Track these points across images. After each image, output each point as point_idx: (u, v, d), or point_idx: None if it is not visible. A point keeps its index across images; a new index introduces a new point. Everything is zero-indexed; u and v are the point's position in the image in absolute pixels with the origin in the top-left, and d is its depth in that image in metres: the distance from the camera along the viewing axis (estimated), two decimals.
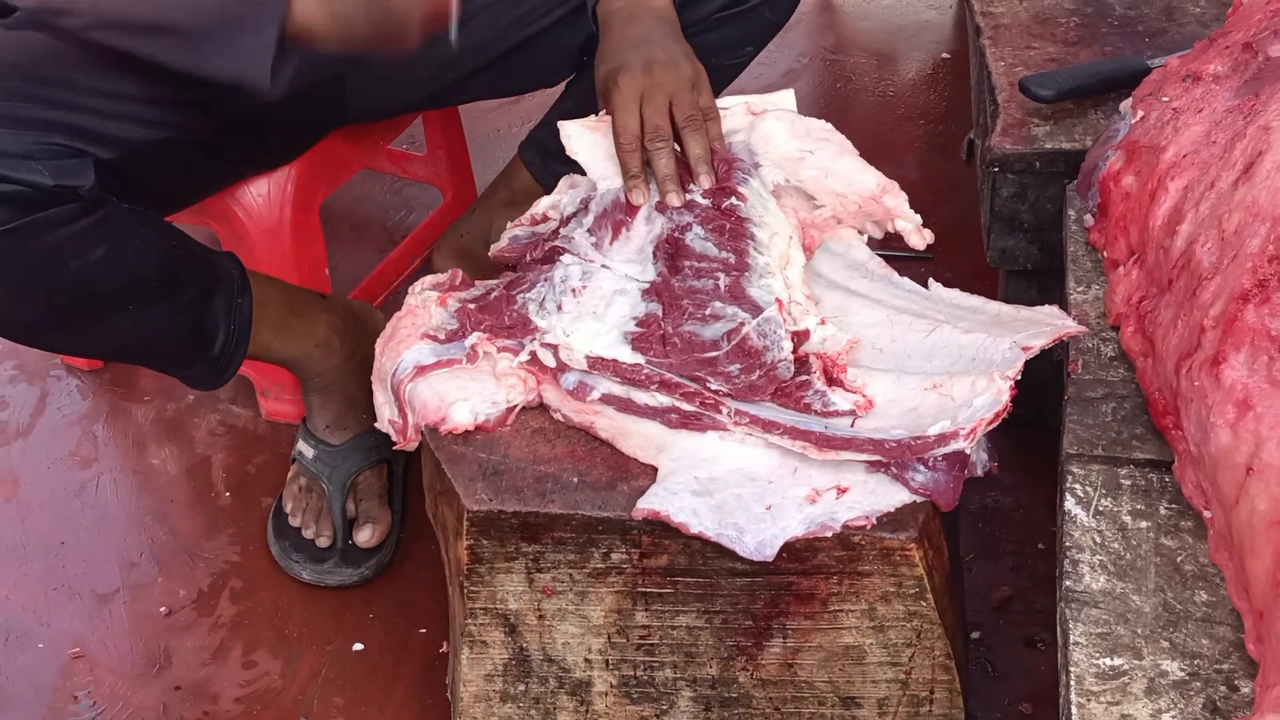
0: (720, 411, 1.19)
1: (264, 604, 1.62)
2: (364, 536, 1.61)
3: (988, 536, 1.62)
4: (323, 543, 1.63)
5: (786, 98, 1.41)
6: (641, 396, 1.21)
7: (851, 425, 1.17)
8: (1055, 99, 1.53)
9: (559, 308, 1.26)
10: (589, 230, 1.33)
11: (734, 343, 1.20)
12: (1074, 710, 0.96)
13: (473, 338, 1.27)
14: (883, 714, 1.25)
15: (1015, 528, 1.63)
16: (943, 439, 1.13)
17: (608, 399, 1.22)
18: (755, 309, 1.23)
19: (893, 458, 1.14)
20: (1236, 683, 0.97)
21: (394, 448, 1.32)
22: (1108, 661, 0.99)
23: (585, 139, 1.38)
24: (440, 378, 1.25)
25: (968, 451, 1.14)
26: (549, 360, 1.24)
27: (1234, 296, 1.04)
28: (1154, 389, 1.15)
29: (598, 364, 1.22)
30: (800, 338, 1.21)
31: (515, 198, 1.74)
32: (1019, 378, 1.17)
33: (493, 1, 1.56)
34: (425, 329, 1.30)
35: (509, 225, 1.42)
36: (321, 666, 1.55)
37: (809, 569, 1.16)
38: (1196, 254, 1.12)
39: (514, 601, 1.24)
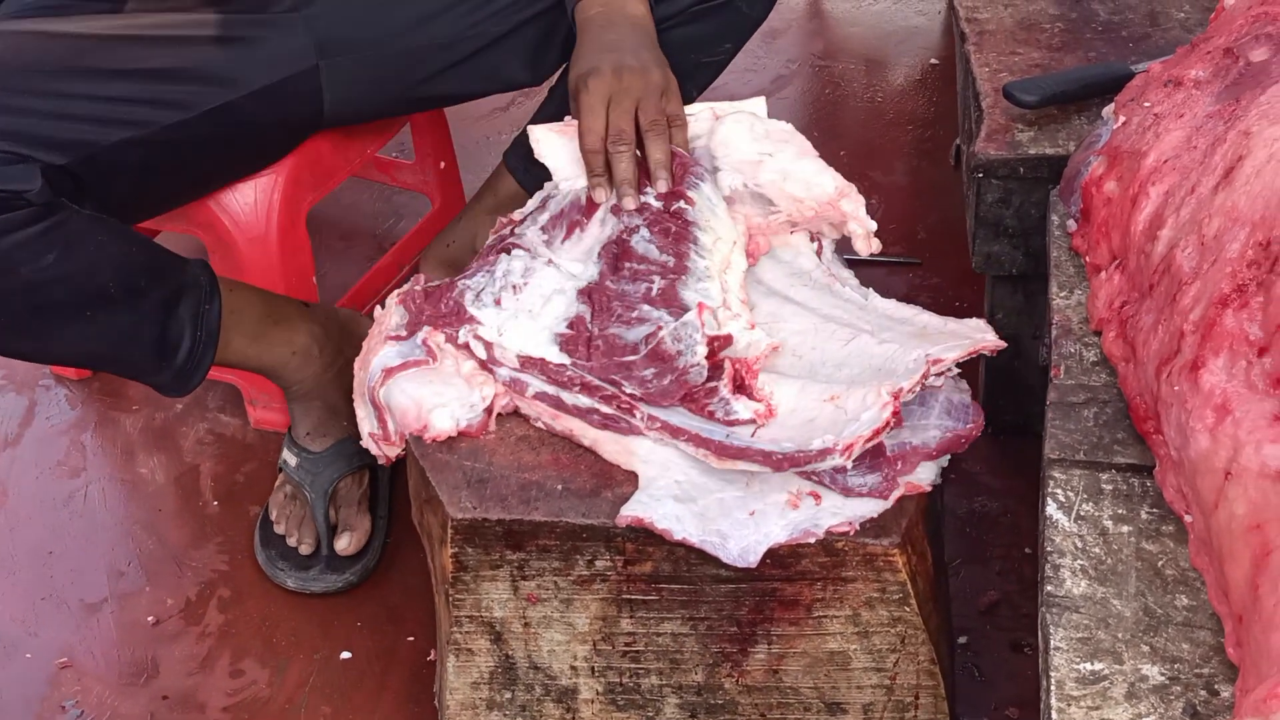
0: (634, 415, 1.21)
1: (252, 613, 1.62)
2: (342, 544, 1.62)
3: (975, 541, 1.63)
4: (306, 550, 1.63)
5: (757, 105, 1.42)
6: (568, 397, 1.23)
7: (753, 434, 1.18)
8: (1039, 104, 1.53)
9: (497, 302, 1.28)
10: (542, 227, 1.34)
11: (650, 347, 1.22)
12: (1054, 715, 0.96)
13: (423, 331, 1.27)
14: (868, 719, 1.25)
15: (1002, 532, 1.63)
16: (822, 454, 1.14)
17: (541, 396, 1.23)
18: (682, 311, 1.24)
19: (778, 469, 1.16)
20: (1217, 687, 0.97)
21: (380, 463, 1.32)
22: (1088, 666, 0.99)
23: (553, 142, 1.40)
24: (413, 383, 1.26)
25: (845, 466, 1.15)
26: (480, 353, 1.25)
27: (1213, 301, 1.04)
28: (1135, 394, 1.16)
29: (528, 363, 1.24)
30: (722, 342, 1.22)
31: (500, 205, 1.74)
32: (913, 391, 1.18)
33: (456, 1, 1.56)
34: (389, 331, 1.30)
35: (491, 233, 1.43)
36: (309, 675, 1.55)
37: (793, 575, 1.17)
38: (1177, 259, 1.12)
39: (499, 609, 1.24)
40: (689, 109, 1.41)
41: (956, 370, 1.24)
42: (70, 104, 1.35)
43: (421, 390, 1.25)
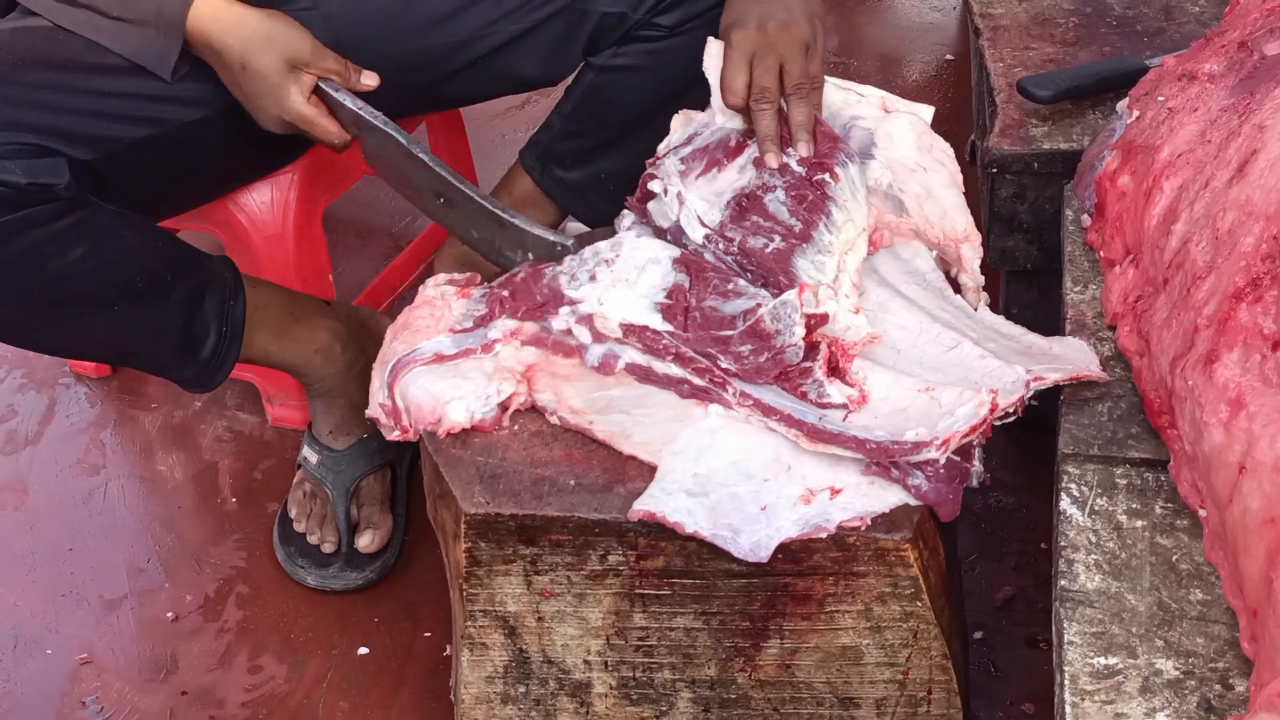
0: (727, 390, 1.21)
1: (270, 609, 1.63)
2: (364, 542, 1.62)
3: (990, 537, 1.62)
4: (327, 548, 1.64)
5: (926, 112, 1.42)
6: (660, 366, 1.23)
7: (845, 419, 1.18)
8: (1053, 99, 1.53)
9: (592, 278, 1.27)
10: (682, 159, 1.34)
11: (749, 323, 1.22)
12: (1068, 709, 0.96)
13: (498, 324, 1.27)
14: (880, 714, 1.25)
15: (1017, 528, 1.63)
16: (917, 446, 1.14)
17: (632, 368, 1.23)
18: (789, 280, 1.24)
19: (872, 458, 1.15)
20: (1231, 681, 0.97)
21: (388, 437, 1.32)
22: (1102, 660, 0.99)
23: (721, 59, 1.36)
24: (431, 378, 1.26)
25: (940, 461, 1.15)
26: (584, 335, 1.25)
27: (1227, 295, 1.04)
28: (1149, 388, 1.15)
29: (630, 331, 1.24)
30: (819, 320, 1.22)
31: (515, 203, 1.74)
32: (1017, 406, 1.17)
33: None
34: (448, 323, 1.30)
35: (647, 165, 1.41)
36: (327, 671, 1.56)
37: (804, 570, 1.17)
38: (1191, 253, 1.12)
39: (513, 604, 1.24)
40: (860, 89, 1.40)
41: None
42: (93, 100, 1.36)
43: (439, 384, 1.25)
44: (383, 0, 1.54)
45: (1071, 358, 1.23)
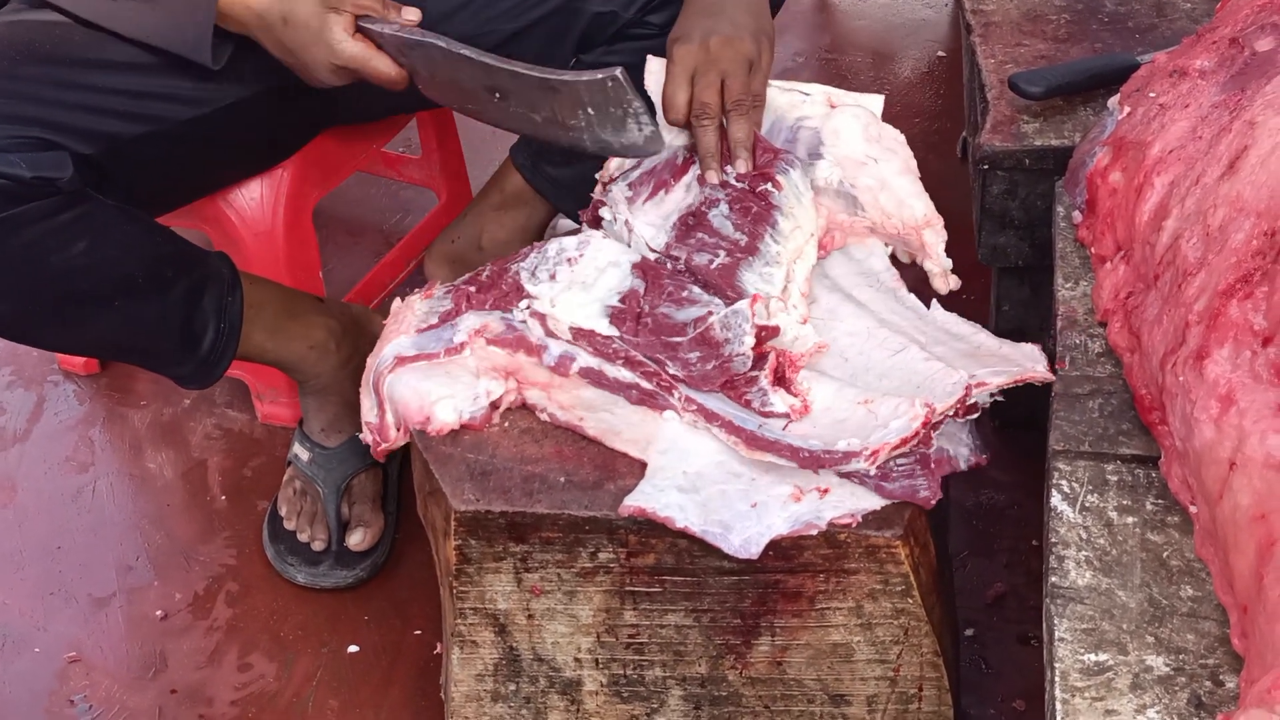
0: (672, 395, 1.21)
1: (259, 607, 1.62)
2: (355, 540, 1.62)
3: (981, 534, 1.62)
4: (318, 546, 1.63)
5: (875, 102, 1.41)
6: (610, 370, 1.23)
7: (785, 428, 1.18)
8: (1044, 96, 1.53)
9: (552, 277, 1.28)
10: (630, 185, 1.34)
11: (698, 331, 1.21)
12: (1059, 706, 0.96)
13: (463, 323, 1.27)
14: (872, 711, 1.25)
15: (1009, 525, 1.63)
16: (846, 456, 1.14)
17: (585, 372, 1.23)
18: (736, 294, 1.24)
19: (805, 466, 1.16)
20: (1222, 677, 0.96)
21: (374, 451, 1.32)
22: (1093, 657, 0.98)
23: (662, 77, 1.36)
24: (418, 376, 1.26)
25: (869, 473, 1.15)
26: (536, 330, 1.25)
27: (1218, 291, 1.04)
28: (1140, 384, 1.15)
29: (579, 335, 1.23)
30: (769, 332, 1.22)
31: (506, 201, 1.74)
32: (958, 409, 1.18)
33: None
34: (411, 324, 1.30)
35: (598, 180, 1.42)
36: (317, 669, 1.55)
37: (795, 567, 1.17)
38: (1182, 249, 1.12)
39: (503, 601, 1.24)
40: (803, 88, 1.40)
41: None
42: (93, 95, 1.35)
43: (426, 383, 1.25)
44: None
45: (1018, 359, 1.23)
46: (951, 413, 1.18)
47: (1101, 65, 1.55)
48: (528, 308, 1.26)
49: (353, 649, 1.57)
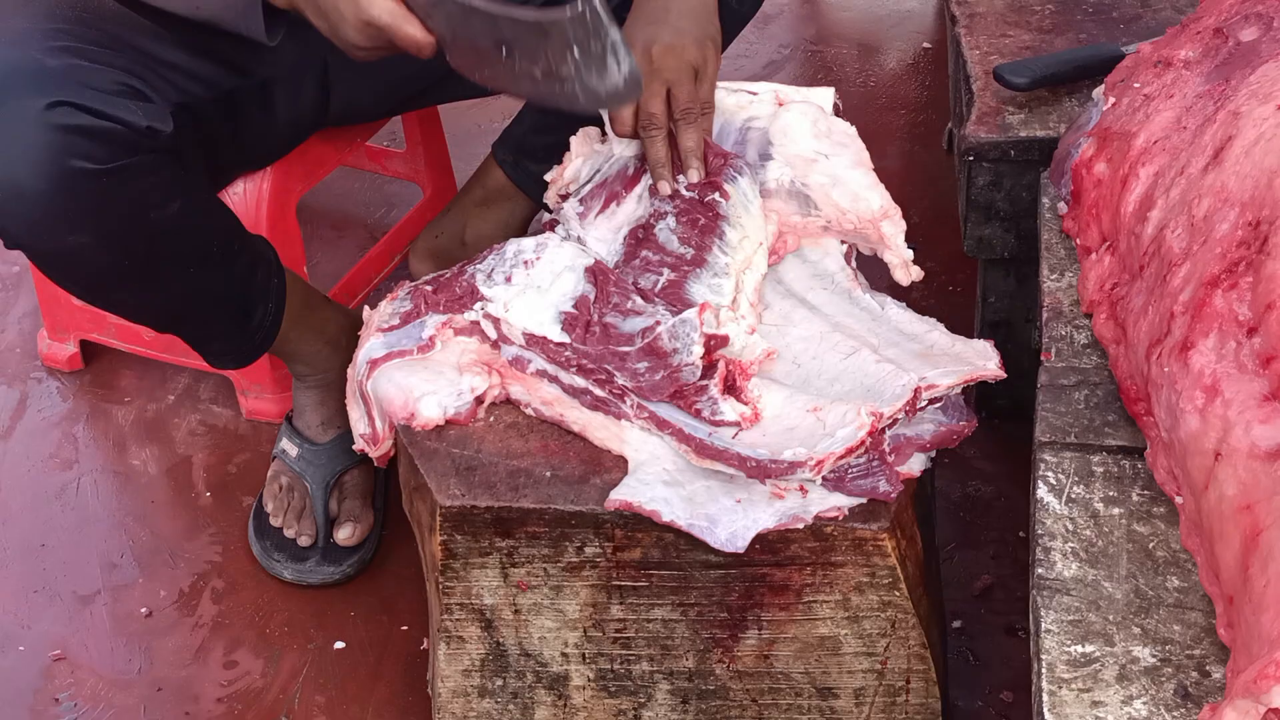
0: (624, 402, 1.21)
1: (245, 604, 1.62)
2: (344, 534, 1.61)
3: (969, 526, 1.62)
4: (304, 542, 1.62)
5: (825, 96, 1.39)
6: (565, 376, 1.23)
7: (734, 436, 1.18)
8: (1030, 87, 1.53)
9: (508, 279, 1.28)
10: (581, 199, 1.34)
11: (646, 341, 1.21)
12: (1045, 698, 0.96)
13: (430, 320, 1.27)
14: (859, 704, 1.25)
15: (996, 517, 1.63)
16: (792, 466, 1.14)
17: (540, 374, 1.23)
18: (683, 307, 1.24)
19: (752, 476, 1.16)
20: (1208, 668, 0.97)
21: (377, 461, 1.32)
22: (1079, 649, 0.99)
23: None
24: (401, 372, 1.25)
25: (813, 481, 1.15)
26: (490, 332, 1.25)
27: (1203, 282, 1.04)
28: (1126, 375, 1.15)
29: (532, 340, 1.23)
30: (719, 341, 1.22)
31: (489, 197, 1.73)
32: (906, 411, 1.18)
33: None
34: (379, 324, 1.30)
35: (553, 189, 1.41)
36: (303, 665, 1.55)
37: (782, 560, 1.16)
38: (1167, 240, 1.12)
39: (489, 596, 1.24)
40: (750, 87, 1.39)
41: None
42: (154, 59, 1.33)
43: (410, 379, 1.25)
44: None
45: (970, 357, 1.23)
46: (901, 415, 1.17)
47: (1086, 56, 1.55)
48: (482, 310, 1.26)
49: (339, 645, 1.56)
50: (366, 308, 1.37)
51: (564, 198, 1.40)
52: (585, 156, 1.40)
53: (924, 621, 1.21)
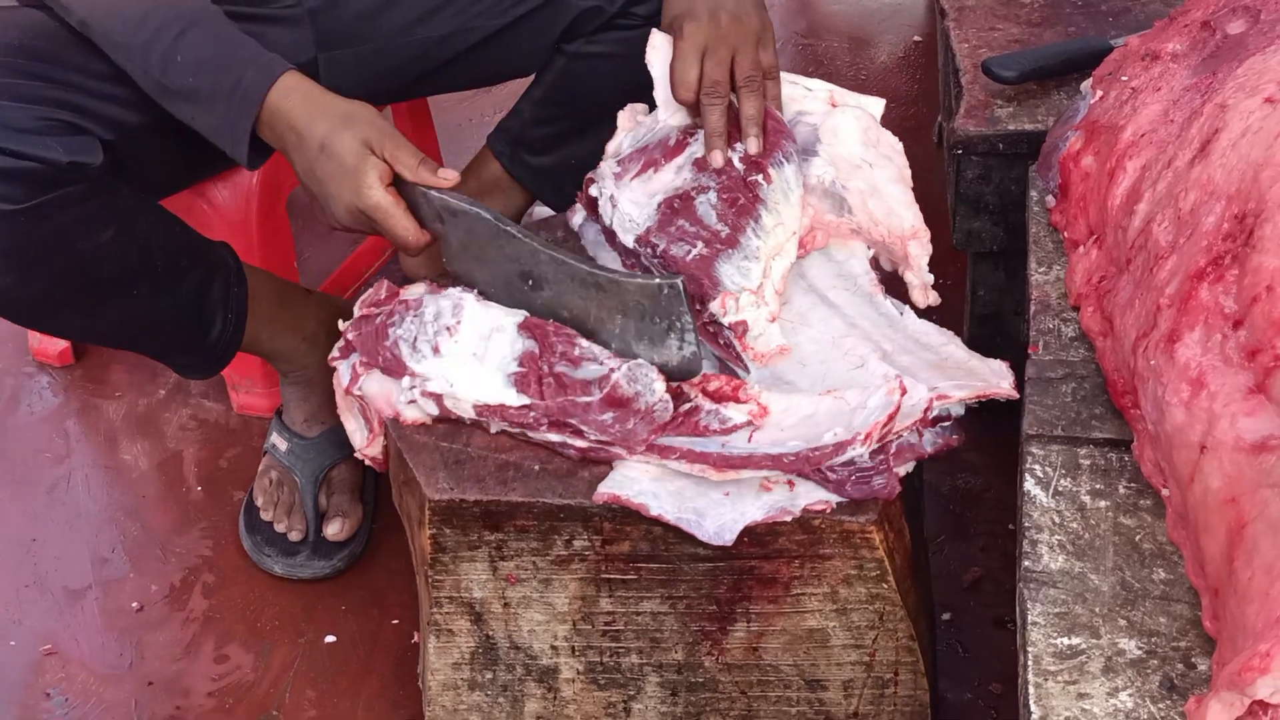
0: (613, 446, 1.17)
1: (236, 598, 1.62)
2: (333, 529, 1.61)
3: (958, 518, 1.63)
4: (294, 536, 1.63)
5: (876, 106, 1.39)
6: (535, 435, 1.20)
7: (749, 439, 1.15)
8: (1018, 80, 1.53)
9: (435, 350, 1.23)
10: (619, 161, 1.32)
11: (605, 391, 1.17)
12: (1031, 690, 0.96)
13: (361, 380, 1.26)
14: (848, 696, 1.25)
15: (985, 509, 1.63)
16: (839, 447, 1.11)
17: (505, 435, 1.22)
18: (712, 287, 1.22)
19: (791, 471, 1.13)
20: (1194, 660, 0.97)
21: (380, 467, 1.32)
22: (1065, 641, 0.99)
23: (667, 53, 1.34)
24: (381, 377, 1.25)
25: (865, 457, 1.13)
26: (430, 409, 1.22)
27: (1189, 275, 1.04)
28: (1113, 369, 1.16)
29: (485, 410, 1.20)
30: (739, 327, 1.21)
31: (484, 188, 1.73)
32: (919, 424, 1.17)
33: None
34: (332, 353, 1.31)
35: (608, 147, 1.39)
36: (294, 659, 1.55)
37: (770, 553, 1.17)
38: (1153, 233, 1.12)
39: (479, 590, 1.24)
40: (808, 82, 1.38)
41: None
42: (113, 85, 1.33)
43: (391, 384, 1.24)
44: (359, 2, 1.53)
45: (985, 374, 1.21)
46: (916, 425, 1.16)
47: (1075, 49, 1.55)
48: (420, 388, 1.21)
49: (330, 639, 1.56)
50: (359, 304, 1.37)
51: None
52: (629, 130, 1.39)
53: (912, 614, 1.22)
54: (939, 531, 1.61)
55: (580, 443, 1.19)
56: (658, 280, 1.18)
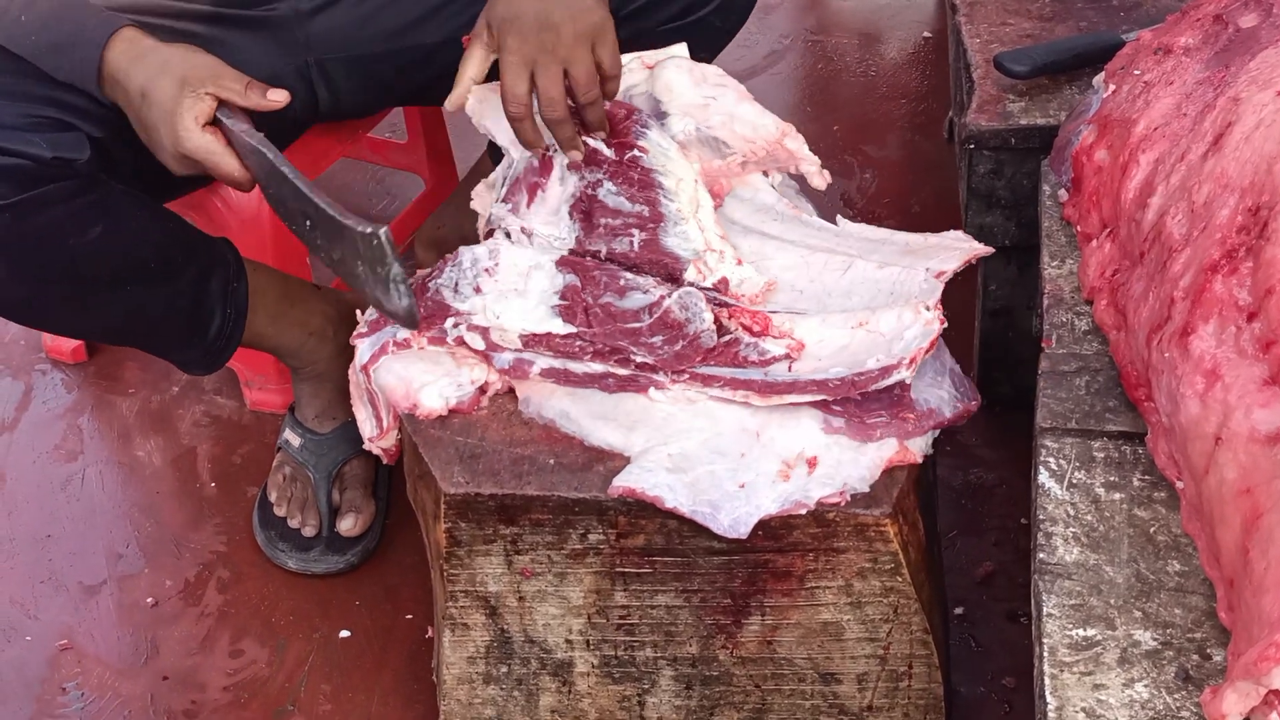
0: (658, 372, 1.20)
1: (250, 593, 1.62)
2: (346, 525, 1.62)
3: (970, 513, 1.63)
4: (308, 532, 1.63)
5: (680, 50, 1.41)
6: (577, 366, 1.22)
7: (789, 370, 1.18)
8: (1030, 75, 1.53)
9: (477, 289, 1.26)
10: (503, 199, 1.34)
11: (656, 316, 1.21)
12: (1047, 681, 0.97)
13: (396, 332, 1.27)
14: (862, 689, 1.26)
15: (997, 504, 1.63)
16: (885, 371, 1.14)
17: (548, 373, 1.23)
18: (675, 261, 1.25)
19: (836, 394, 1.14)
20: (1209, 651, 0.97)
21: (387, 459, 1.33)
22: (1080, 632, 0.99)
23: (493, 104, 1.33)
24: (400, 363, 1.26)
25: (908, 380, 1.15)
26: (477, 343, 1.24)
27: (1203, 268, 1.04)
28: (1126, 361, 1.16)
29: (531, 340, 1.23)
30: (722, 284, 1.22)
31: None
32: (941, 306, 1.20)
33: (445, 1, 1.51)
34: (358, 330, 1.31)
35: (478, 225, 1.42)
36: (308, 654, 1.55)
37: (785, 546, 1.17)
38: (1167, 226, 1.12)
39: (494, 584, 1.24)
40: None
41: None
42: (73, 88, 1.33)
43: (409, 369, 1.25)
44: (348, 7, 1.52)
45: (955, 245, 1.25)
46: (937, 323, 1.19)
47: (1087, 43, 1.55)
48: (465, 324, 1.24)
49: (344, 634, 1.57)
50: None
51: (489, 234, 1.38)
52: (486, 206, 1.40)
53: (926, 607, 1.22)
54: (951, 526, 1.61)
55: (624, 370, 1.21)
56: (359, 228, 1.19)
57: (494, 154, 1.72)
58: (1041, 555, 1.05)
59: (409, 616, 1.58)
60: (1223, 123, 1.12)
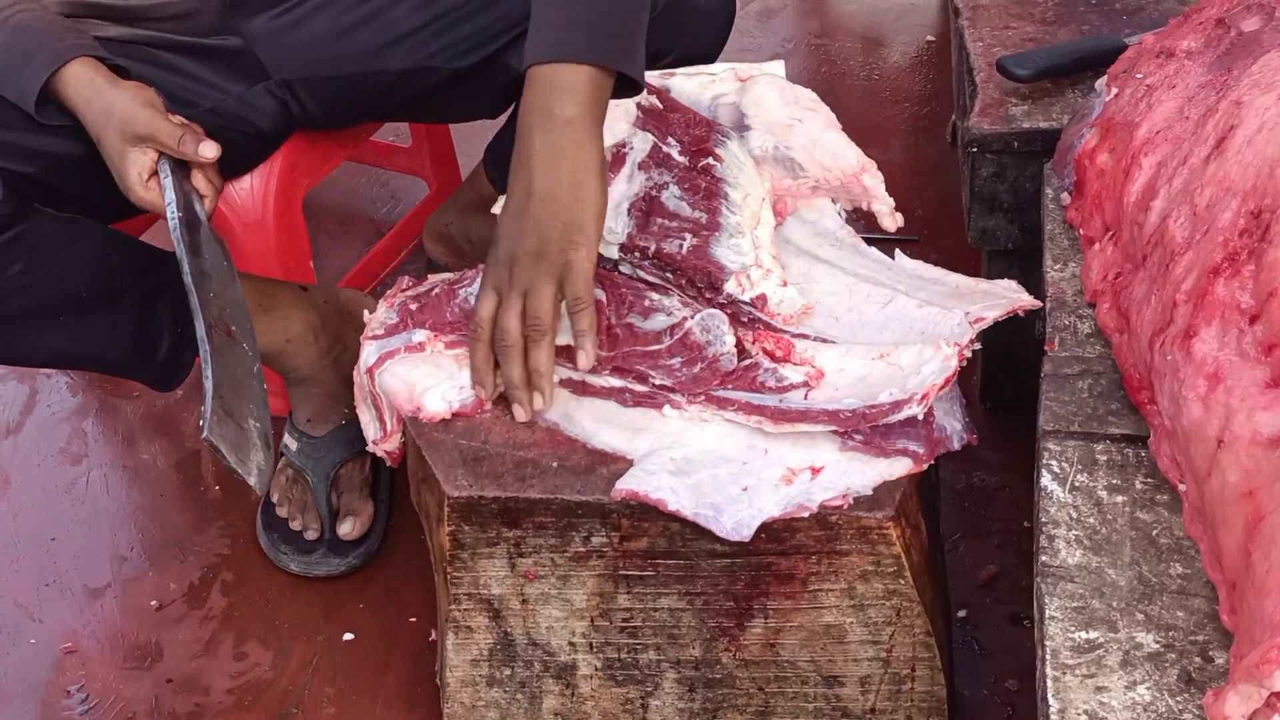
0: (674, 392, 1.21)
1: (254, 596, 1.63)
2: (345, 529, 1.62)
3: (973, 516, 1.63)
4: (310, 535, 1.63)
5: (776, 67, 1.43)
6: (596, 380, 1.22)
7: (805, 398, 1.18)
8: (1033, 78, 1.53)
9: None
10: None
11: (676, 338, 1.22)
12: (1049, 684, 0.97)
13: (418, 334, 1.27)
14: (865, 692, 1.26)
15: (1000, 507, 1.64)
16: (896, 405, 1.14)
17: (566, 383, 1.23)
18: (719, 271, 1.25)
19: (848, 427, 1.15)
20: (1211, 653, 0.97)
21: (390, 461, 1.32)
22: (1083, 635, 0.99)
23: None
24: (404, 366, 1.26)
25: (919, 416, 1.15)
26: None
27: (1205, 271, 1.04)
28: (1129, 364, 1.16)
29: (556, 352, 1.22)
30: (759, 301, 1.23)
31: (485, 202, 1.72)
32: (971, 348, 1.19)
33: (419, 26, 1.45)
34: (369, 332, 1.31)
35: None
36: (312, 657, 1.56)
37: (788, 549, 1.17)
38: (1169, 229, 1.12)
39: (497, 586, 1.24)
40: (708, 68, 1.40)
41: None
42: (21, 114, 1.32)
43: (413, 373, 1.25)
44: (315, 29, 1.48)
45: (1003, 294, 1.25)
46: (967, 352, 1.18)
47: (1089, 47, 1.55)
48: None
49: (348, 637, 1.57)
50: (381, 304, 1.37)
51: None
52: None
53: (929, 610, 1.22)
54: (954, 529, 1.61)
55: (640, 388, 1.21)
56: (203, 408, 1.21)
57: (500, 189, 1.71)
58: (1044, 558, 1.05)
59: (412, 619, 1.58)
60: (1225, 126, 1.12)
